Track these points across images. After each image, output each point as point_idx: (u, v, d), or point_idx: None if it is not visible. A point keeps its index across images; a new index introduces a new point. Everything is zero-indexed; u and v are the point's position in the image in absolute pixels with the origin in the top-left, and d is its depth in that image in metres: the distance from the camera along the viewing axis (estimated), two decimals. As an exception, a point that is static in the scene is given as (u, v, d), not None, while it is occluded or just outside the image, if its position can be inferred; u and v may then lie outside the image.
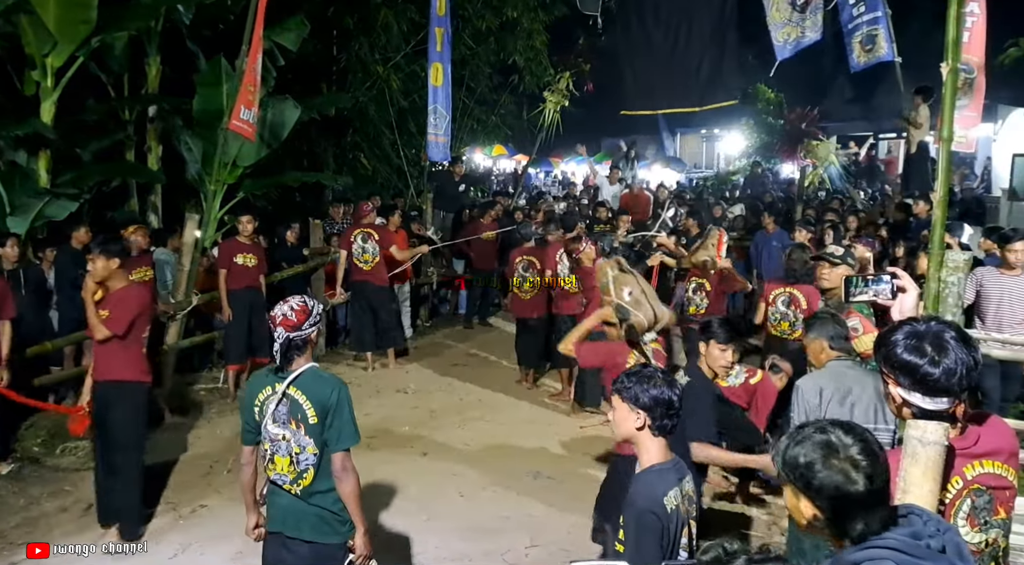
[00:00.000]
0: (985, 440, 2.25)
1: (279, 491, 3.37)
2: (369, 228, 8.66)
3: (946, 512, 2.20)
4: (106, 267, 4.76)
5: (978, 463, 2.24)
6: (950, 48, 4.00)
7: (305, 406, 3.28)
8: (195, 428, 6.99)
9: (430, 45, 10.85)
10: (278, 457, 3.33)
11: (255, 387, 3.41)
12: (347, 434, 3.31)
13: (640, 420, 2.68)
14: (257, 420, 3.37)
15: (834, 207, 11.58)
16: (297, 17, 9.62)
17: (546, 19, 14.21)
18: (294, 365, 3.30)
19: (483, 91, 14.64)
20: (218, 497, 5.67)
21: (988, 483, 2.26)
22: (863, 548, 1.73)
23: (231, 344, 7.90)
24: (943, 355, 2.07)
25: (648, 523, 2.54)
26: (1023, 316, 6.36)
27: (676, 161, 25.69)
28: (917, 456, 2.08)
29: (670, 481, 2.65)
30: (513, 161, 28.67)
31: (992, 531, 2.29)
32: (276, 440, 3.32)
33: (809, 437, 1.80)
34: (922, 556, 1.70)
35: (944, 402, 2.10)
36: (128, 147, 9.74)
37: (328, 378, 3.40)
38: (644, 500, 2.59)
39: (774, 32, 9.62)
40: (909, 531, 1.74)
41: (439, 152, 11.13)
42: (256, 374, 3.54)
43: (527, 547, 5.01)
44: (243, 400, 3.47)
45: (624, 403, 2.71)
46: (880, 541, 1.72)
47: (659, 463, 2.69)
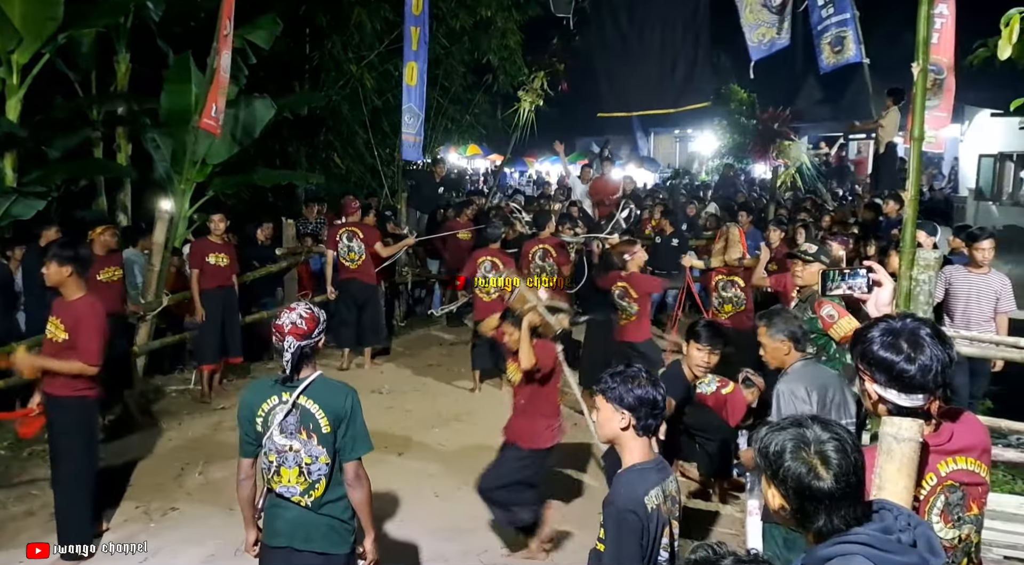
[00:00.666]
0: (959, 437, 2.27)
1: (286, 504, 3.27)
2: (354, 227, 8.63)
3: (920, 508, 2.21)
4: (58, 273, 4.54)
5: (952, 460, 2.26)
6: (920, 48, 4.05)
7: (318, 415, 3.20)
8: (166, 430, 6.90)
9: (405, 44, 10.80)
10: (284, 469, 3.23)
11: (256, 397, 3.28)
12: (361, 442, 3.26)
13: (625, 420, 2.67)
14: (259, 431, 3.25)
15: (806, 207, 11.71)
16: (269, 15, 9.53)
17: (520, 19, 14.19)
18: (302, 373, 3.22)
19: (457, 90, 14.58)
20: (190, 499, 5.60)
21: (961, 479, 2.28)
22: (835, 543, 1.74)
23: (204, 345, 7.80)
24: (919, 352, 2.09)
25: (628, 522, 2.54)
26: (990, 313, 6.47)
27: (650, 161, 25.81)
28: (892, 453, 2.10)
29: (651, 481, 2.64)
30: (487, 161, 28.67)
31: (965, 527, 2.31)
32: (283, 452, 3.22)
33: (786, 428, 1.83)
34: (893, 550, 1.71)
35: (919, 399, 2.11)
36: (96, 145, 9.60)
37: (339, 385, 3.33)
38: (624, 499, 2.59)
39: (748, 33, 9.67)
40: (881, 526, 1.76)
41: (413, 152, 11.08)
42: (256, 384, 3.43)
43: (503, 547, 5.00)
44: (242, 411, 3.32)
45: (608, 403, 2.70)
46: (852, 536, 1.73)
47: (641, 463, 2.69)
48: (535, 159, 29.30)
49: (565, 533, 5.06)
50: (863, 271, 2.56)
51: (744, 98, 16.94)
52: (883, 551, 1.71)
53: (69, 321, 4.55)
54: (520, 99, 13.98)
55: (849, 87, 16.89)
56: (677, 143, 30.45)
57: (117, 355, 6.19)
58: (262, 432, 3.24)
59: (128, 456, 6.19)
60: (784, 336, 3.92)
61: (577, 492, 5.77)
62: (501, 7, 13.71)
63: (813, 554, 1.78)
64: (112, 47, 9.25)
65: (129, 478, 5.84)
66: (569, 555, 4.86)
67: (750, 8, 9.59)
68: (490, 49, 13.96)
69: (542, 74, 13.92)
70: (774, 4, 9.38)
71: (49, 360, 4.57)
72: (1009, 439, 6.00)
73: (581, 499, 5.64)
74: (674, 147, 30.66)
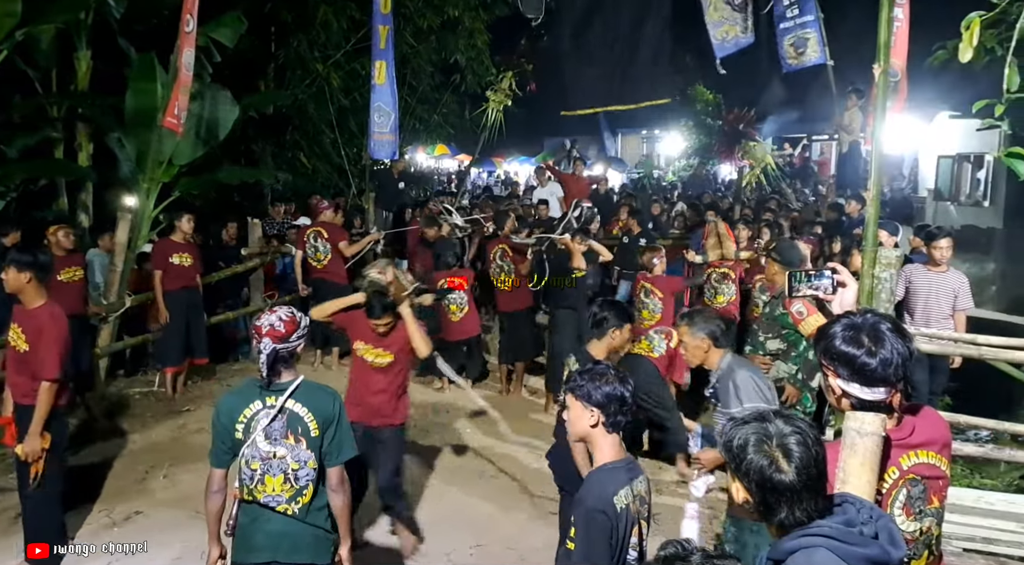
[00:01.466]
0: (920, 431, 2.31)
1: (268, 515, 3.16)
2: (319, 226, 8.66)
3: (883, 501, 2.25)
4: (17, 280, 4.39)
5: (913, 453, 2.30)
6: (881, 50, 4.13)
7: (307, 419, 3.13)
8: (130, 433, 6.79)
9: (373, 43, 10.74)
10: (269, 477, 3.12)
11: (237, 403, 3.16)
12: (347, 446, 3.21)
13: (594, 417, 2.68)
14: (239, 439, 3.12)
15: (771, 207, 11.86)
16: (233, 13, 9.41)
17: (488, 18, 14.21)
18: (282, 377, 3.15)
19: (425, 90, 14.55)
20: (154, 503, 5.53)
21: (923, 473, 2.32)
22: (799, 535, 1.78)
23: (167, 346, 7.68)
24: (880, 345, 2.13)
25: (597, 522, 2.55)
26: (949, 311, 6.61)
27: (617, 161, 25.98)
28: (856, 447, 2.13)
29: (621, 480, 2.64)
30: (456, 161, 28.66)
31: (926, 520, 2.35)
32: (268, 459, 3.12)
33: (749, 422, 1.86)
34: (855, 543, 1.75)
35: (881, 392, 2.16)
36: (57, 144, 9.41)
37: (324, 388, 3.29)
38: (593, 499, 2.59)
39: (712, 31, 9.75)
40: (843, 519, 1.80)
41: (386, 150, 11.01)
42: (235, 390, 3.30)
43: (472, 546, 5.00)
44: (219, 419, 3.19)
45: (578, 401, 2.71)
46: (815, 529, 1.77)
47: (611, 462, 2.69)
48: (503, 159, 29.36)
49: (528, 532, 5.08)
50: (828, 272, 2.62)
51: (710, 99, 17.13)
52: (846, 543, 1.74)
53: (30, 332, 4.42)
54: (488, 99, 13.98)
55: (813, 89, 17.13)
56: (644, 143, 30.66)
57: (78, 357, 6.07)
58: (241, 440, 3.13)
59: (91, 460, 6.09)
60: (704, 334, 4.01)
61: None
62: (468, 7, 13.71)
63: (778, 547, 1.81)
64: (72, 44, 9.08)
65: (92, 482, 5.73)
66: (537, 553, 4.87)
67: (714, 6, 9.68)
68: (458, 49, 13.96)
69: (510, 74, 13.94)
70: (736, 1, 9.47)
71: (36, 418, 4.36)
72: (967, 434, 6.14)
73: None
74: (641, 147, 30.87)
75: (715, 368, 4.00)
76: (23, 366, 4.46)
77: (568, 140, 22.00)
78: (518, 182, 22.03)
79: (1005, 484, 5.52)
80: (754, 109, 17.25)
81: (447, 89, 15.02)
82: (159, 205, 8.62)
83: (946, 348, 5.03)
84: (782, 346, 5.20)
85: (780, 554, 1.79)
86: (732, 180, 18.98)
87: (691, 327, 4.03)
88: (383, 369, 4.87)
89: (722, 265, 7.55)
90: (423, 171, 24.96)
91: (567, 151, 20.34)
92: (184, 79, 7.14)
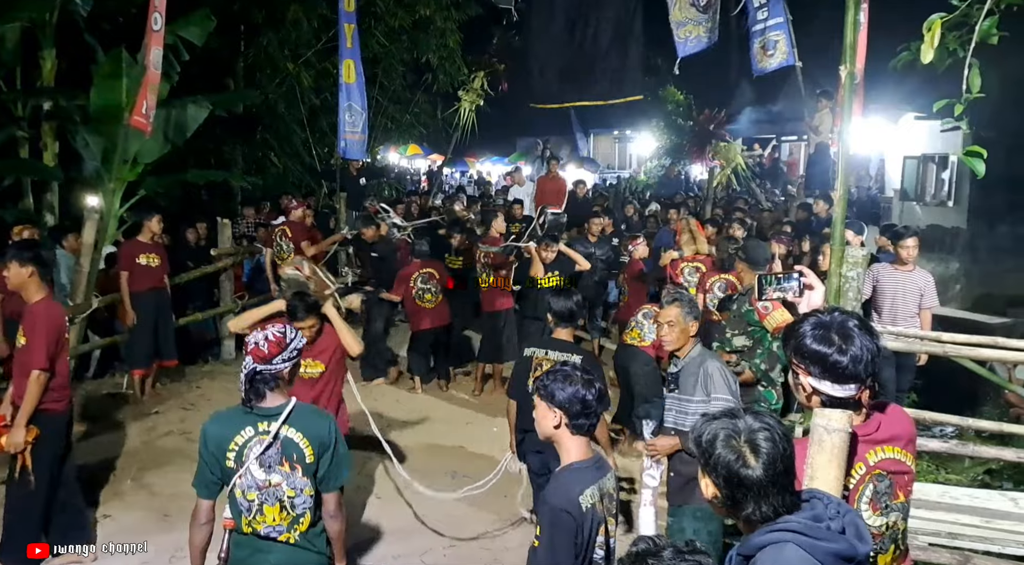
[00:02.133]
0: (886, 427, 2.35)
1: (268, 547, 2.97)
2: (286, 226, 8.74)
3: (850, 497, 2.28)
4: (19, 275, 4.35)
5: (880, 449, 2.34)
6: (847, 52, 4.18)
7: (302, 444, 2.94)
8: (96, 436, 6.69)
9: (340, 42, 10.70)
10: (268, 507, 2.93)
11: (226, 430, 2.93)
12: (344, 471, 3.07)
13: (557, 418, 2.69)
14: (230, 467, 2.90)
15: (740, 207, 11.97)
16: (202, 11, 9.33)
17: (459, 18, 14.20)
18: (267, 401, 2.94)
19: (397, 89, 14.52)
20: (122, 506, 5.46)
21: (889, 468, 2.35)
22: (768, 531, 1.80)
23: (136, 348, 7.58)
24: (850, 343, 2.17)
25: (561, 521, 2.55)
26: (915, 309, 6.71)
27: (590, 161, 26.02)
28: (823, 443, 2.16)
29: (587, 480, 2.65)
30: (428, 160, 28.58)
31: (892, 514, 2.39)
32: (264, 488, 2.92)
33: (719, 418, 1.88)
34: (823, 537, 1.78)
35: (852, 388, 2.20)
36: (22, 143, 9.26)
37: (317, 411, 3.16)
38: (558, 499, 2.60)
39: (676, 30, 9.84)
40: (811, 514, 1.82)
41: (356, 150, 10.97)
42: (221, 416, 3.05)
43: (445, 547, 5.00)
44: (207, 447, 2.94)
45: (542, 401, 2.72)
46: (783, 524, 1.79)
47: (578, 461, 2.69)
48: (476, 159, 29.32)
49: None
50: (796, 275, 2.69)
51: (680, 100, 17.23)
52: (813, 538, 1.77)
53: (27, 325, 4.39)
54: (460, 99, 13.98)
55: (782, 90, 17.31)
56: (616, 143, 30.76)
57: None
58: (233, 468, 2.91)
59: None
60: (693, 318, 4.05)
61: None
62: (440, 6, 13.70)
63: (747, 542, 1.84)
64: (38, 42, 8.93)
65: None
66: (510, 553, 4.88)
67: (678, 6, 9.76)
68: (429, 48, 13.93)
69: (482, 74, 13.97)
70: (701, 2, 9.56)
71: (22, 410, 4.31)
72: (933, 430, 6.23)
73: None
74: (613, 148, 30.97)
75: (683, 355, 4.03)
76: (20, 364, 4.41)
77: (540, 140, 22.04)
78: (491, 182, 22.03)
79: (970, 479, 5.61)
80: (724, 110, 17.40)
81: (419, 89, 15.00)
82: (125, 204, 8.51)
83: (912, 346, 5.10)
84: (748, 343, 5.27)
85: (749, 549, 1.82)
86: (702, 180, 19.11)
87: (682, 309, 4.03)
88: (314, 381, 4.59)
89: (695, 259, 7.77)
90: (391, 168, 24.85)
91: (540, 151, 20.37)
92: (152, 78, 7.06)
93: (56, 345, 4.44)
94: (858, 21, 4.21)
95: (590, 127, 29.40)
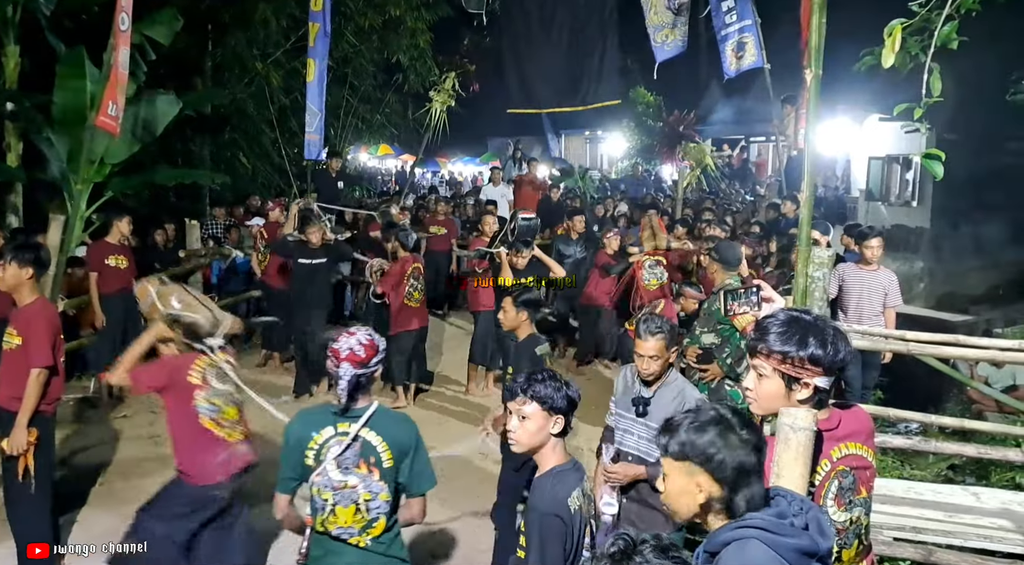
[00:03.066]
0: (846, 423, 2.40)
1: (340, 549, 2.98)
2: (262, 227, 8.77)
3: (816, 493, 2.32)
4: (16, 276, 4.26)
5: (843, 445, 2.39)
6: (813, 55, 4.25)
7: (380, 448, 2.95)
8: (63, 439, 6.60)
9: (309, 41, 10.65)
10: (340, 508, 2.93)
11: (307, 429, 2.96)
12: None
13: (559, 425, 2.65)
14: (309, 465, 2.94)
15: (709, 207, 12.09)
16: (169, 10, 9.22)
17: (430, 18, 14.19)
18: (358, 404, 2.98)
19: (367, 89, 14.47)
20: (90, 510, 5.40)
21: (852, 464, 2.40)
22: (732, 528, 1.84)
23: (104, 351, 7.45)
24: (824, 336, 2.24)
25: (552, 527, 2.53)
26: (880, 308, 6.83)
27: (561, 162, 26.07)
28: (789, 441, 2.20)
29: (572, 482, 2.63)
30: (399, 161, 28.48)
31: (856, 510, 2.44)
32: (339, 489, 2.92)
33: (706, 418, 1.90)
34: (786, 533, 1.81)
35: (831, 381, 2.28)
36: (-16, 145, 9.10)
37: (401, 416, 3.14)
38: (548, 504, 2.56)
39: (653, 34, 9.92)
40: (775, 511, 1.86)
41: (313, 150, 10.93)
42: (305, 414, 3.11)
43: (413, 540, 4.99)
44: (289, 443, 3.00)
45: (544, 411, 2.63)
46: (747, 521, 1.83)
47: (559, 465, 2.67)
48: (448, 159, 29.27)
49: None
50: (754, 289, 2.82)
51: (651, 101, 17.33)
52: (777, 534, 1.80)
53: (22, 325, 4.31)
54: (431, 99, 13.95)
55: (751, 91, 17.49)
56: (588, 144, 30.86)
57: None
58: (312, 466, 2.94)
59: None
60: (675, 346, 3.84)
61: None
62: (410, 6, 13.68)
63: (712, 539, 1.87)
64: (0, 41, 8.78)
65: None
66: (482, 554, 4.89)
67: (654, 10, 9.84)
68: (400, 48, 13.90)
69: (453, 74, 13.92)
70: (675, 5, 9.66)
71: (23, 407, 4.22)
72: (898, 427, 6.34)
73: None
74: (584, 148, 31.07)
75: (658, 381, 3.78)
76: (12, 366, 4.32)
77: (512, 140, 22.06)
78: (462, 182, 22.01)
79: (934, 475, 5.70)
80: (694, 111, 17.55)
81: (390, 89, 14.97)
82: (91, 206, 8.39)
83: (877, 344, 5.19)
84: (716, 341, 5.35)
85: (714, 546, 1.85)
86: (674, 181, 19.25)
87: (665, 340, 3.73)
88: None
89: (656, 254, 8.22)
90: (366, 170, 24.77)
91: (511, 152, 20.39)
92: (120, 78, 6.96)
93: (58, 344, 4.39)
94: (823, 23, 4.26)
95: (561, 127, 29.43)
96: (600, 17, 11.22)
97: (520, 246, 7.44)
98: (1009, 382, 7.23)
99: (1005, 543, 4.21)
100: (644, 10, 10.03)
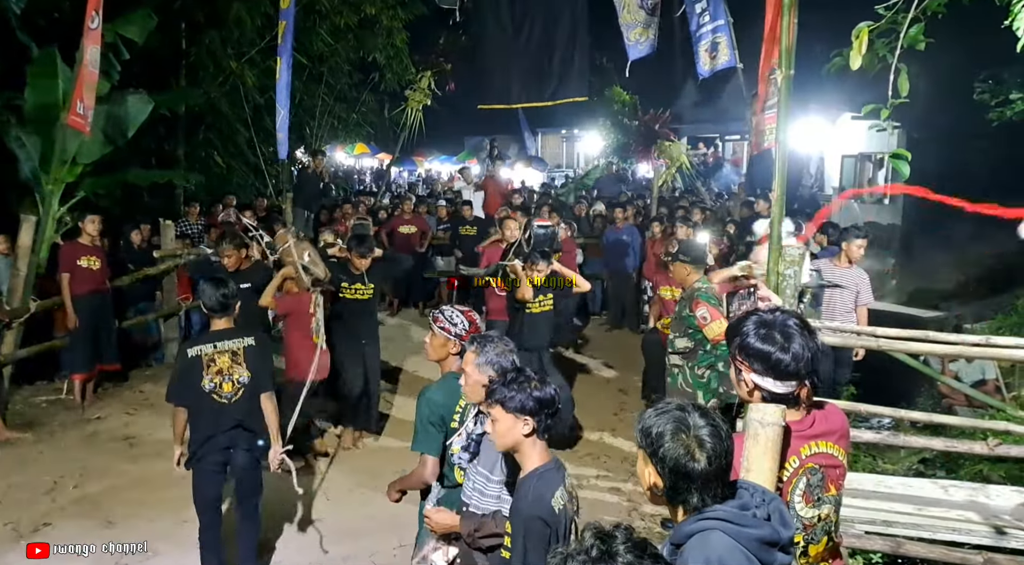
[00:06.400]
0: (819, 422, 2.45)
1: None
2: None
3: (784, 489, 2.37)
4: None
5: (813, 444, 2.43)
6: (784, 56, 4.30)
7: None
8: (37, 442, 6.54)
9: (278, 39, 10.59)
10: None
11: (452, 398, 3.37)
12: None
13: (528, 426, 2.63)
14: (453, 427, 3.36)
15: (682, 204, 12.18)
16: (143, 9, 9.12)
17: (406, 17, 14.14)
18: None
19: (343, 88, 14.41)
20: (64, 514, 5.34)
21: (821, 462, 2.44)
22: (696, 520, 1.90)
23: (76, 352, 7.40)
24: (791, 341, 2.28)
25: (535, 530, 2.54)
26: (852, 305, 6.93)
27: (538, 160, 26.13)
28: (758, 437, 2.24)
29: (555, 482, 2.64)
30: (376, 160, 28.39)
31: (824, 506, 2.48)
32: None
33: (668, 411, 1.95)
34: (748, 524, 1.88)
35: (792, 385, 2.31)
36: (-48, 145, 8.95)
37: None
38: (531, 506, 2.57)
39: (626, 32, 9.95)
40: (738, 503, 1.92)
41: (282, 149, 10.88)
42: (441, 385, 3.49)
43: (395, 548, 4.99)
44: (435, 411, 3.39)
45: (509, 413, 2.63)
46: (711, 513, 1.89)
47: (542, 465, 2.67)
48: (424, 158, 29.23)
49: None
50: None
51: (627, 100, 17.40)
52: (739, 525, 1.87)
53: None
54: (408, 98, 13.94)
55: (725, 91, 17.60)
56: (564, 142, 30.95)
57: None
58: (455, 429, 3.36)
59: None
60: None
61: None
62: (386, 5, 13.64)
63: (678, 531, 1.93)
64: (-31, 40, 8.66)
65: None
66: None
67: (627, 8, 9.88)
68: (376, 47, 13.85)
69: (429, 73, 13.93)
70: (649, 4, 9.70)
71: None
72: (870, 422, 6.43)
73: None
74: (561, 147, 31.16)
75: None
76: None
77: (488, 139, 22.06)
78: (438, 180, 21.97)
79: (904, 469, 5.78)
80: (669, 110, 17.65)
81: (366, 88, 14.91)
82: (63, 206, 8.30)
83: (849, 340, 5.25)
84: (689, 345, 5.39)
85: (679, 538, 1.90)
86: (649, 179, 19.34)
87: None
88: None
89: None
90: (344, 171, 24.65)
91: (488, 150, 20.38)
92: (89, 77, 6.89)
93: None
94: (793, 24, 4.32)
95: (537, 126, 29.52)
96: (571, 13, 11.24)
97: (536, 258, 6.51)
98: (978, 376, 7.34)
99: (972, 535, 4.28)
100: (617, 8, 10.06)
